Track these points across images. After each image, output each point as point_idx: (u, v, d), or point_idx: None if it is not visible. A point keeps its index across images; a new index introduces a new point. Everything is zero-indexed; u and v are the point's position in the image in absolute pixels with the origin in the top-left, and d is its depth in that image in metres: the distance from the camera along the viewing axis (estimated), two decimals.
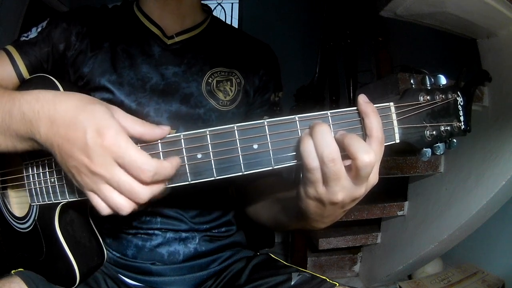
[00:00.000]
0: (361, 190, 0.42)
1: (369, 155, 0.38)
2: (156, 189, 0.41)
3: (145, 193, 0.40)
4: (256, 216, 0.71)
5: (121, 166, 0.39)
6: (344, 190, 0.41)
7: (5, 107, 0.45)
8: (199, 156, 0.43)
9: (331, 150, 0.39)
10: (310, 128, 0.41)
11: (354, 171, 0.40)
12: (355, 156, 0.38)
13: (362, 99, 0.42)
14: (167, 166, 0.41)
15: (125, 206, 0.41)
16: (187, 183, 0.44)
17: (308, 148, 0.40)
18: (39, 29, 0.65)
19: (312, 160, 0.40)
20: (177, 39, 0.70)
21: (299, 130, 0.43)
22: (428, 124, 0.45)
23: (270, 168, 0.43)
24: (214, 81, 0.69)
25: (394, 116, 0.44)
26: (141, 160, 0.39)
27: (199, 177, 0.43)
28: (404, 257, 1.45)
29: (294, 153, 0.43)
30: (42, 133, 0.42)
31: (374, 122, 0.41)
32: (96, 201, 0.42)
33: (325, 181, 0.41)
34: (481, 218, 1.26)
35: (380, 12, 1.16)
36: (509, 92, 1.13)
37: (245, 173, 0.43)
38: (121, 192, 0.40)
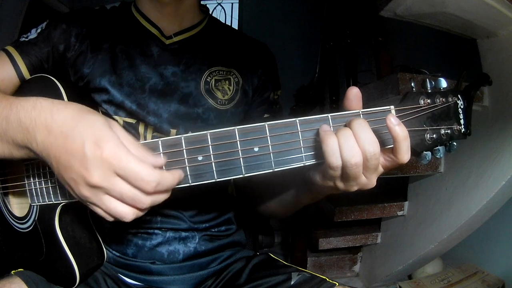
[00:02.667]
0: (373, 181, 0.45)
1: (374, 146, 0.41)
2: (158, 198, 0.41)
3: (148, 201, 0.40)
4: (262, 203, 0.71)
5: (122, 177, 0.39)
6: (360, 184, 0.45)
7: (2, 112, 0.44)
8: (200, 158, 0.43)
9: (354, 154, 0.41)
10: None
11: (363, 163, 0.42)
12: (363, 149, 0.41)
13: (393, 121, 0.40)
14: (169, 177, 0.40)
15: (129, 214, 0.41)
16: (188, 185, 0.44)
17: (333, 147, 0.41)
18: (38, 30, 0.65)
19: (335, 159, 0.41)
20: (175, 39, 0.70)
21: (299, 133, 0.43)
22: (428, 127, 0.45)
23: (271, 170, 0.43)
24: (213, 80, 0.70)
25: None
26: (144, 172, 0.38)
27: (200, 179, 0.43)
28: (404, 257, 1.45)
29: (295, 156, 0.44)
30: (39, 141, 0.41)
31: (404, 147, 0.42)
32: (99, 212, 0.42)
33: (345, 179, 0.43)
34: (481, 218, 1.26)
35: (380, 12, 1.16)
36: (509, 92, 1.12)
37: (246, 175, 0.43)
38: (123, 201, 0.40)
